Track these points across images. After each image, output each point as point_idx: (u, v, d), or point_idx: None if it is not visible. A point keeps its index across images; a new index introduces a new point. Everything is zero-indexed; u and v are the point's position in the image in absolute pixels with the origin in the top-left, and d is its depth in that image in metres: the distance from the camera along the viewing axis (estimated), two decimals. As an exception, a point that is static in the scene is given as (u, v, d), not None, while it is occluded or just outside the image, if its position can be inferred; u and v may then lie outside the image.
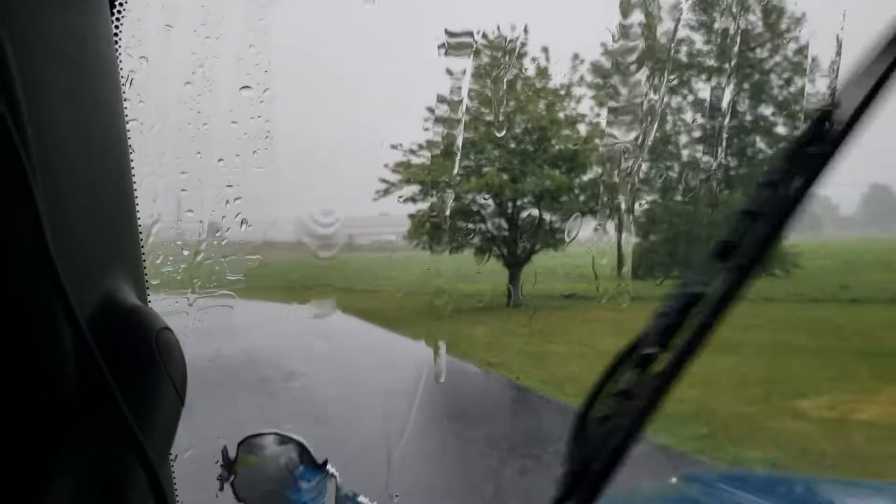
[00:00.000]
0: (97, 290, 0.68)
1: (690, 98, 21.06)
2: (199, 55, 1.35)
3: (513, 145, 14.82)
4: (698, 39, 19.74)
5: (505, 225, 15.07)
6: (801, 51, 19.74)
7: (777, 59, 20.30)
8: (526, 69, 14.70)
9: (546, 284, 16.77)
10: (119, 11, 0.83)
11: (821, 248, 21.97)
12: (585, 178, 14.44)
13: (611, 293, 16.95)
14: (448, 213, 14.34)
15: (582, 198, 14.46)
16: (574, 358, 9.78)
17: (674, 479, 1.71)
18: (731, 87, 20.16)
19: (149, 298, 0.84)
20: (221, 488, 1.04)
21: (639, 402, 0.65)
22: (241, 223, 1.84)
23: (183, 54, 1.34)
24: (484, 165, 14.57)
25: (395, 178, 14.88)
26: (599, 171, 14.13)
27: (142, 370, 0.70)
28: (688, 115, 21.42)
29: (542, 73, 14.69)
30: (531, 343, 10.94)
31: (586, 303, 15.47)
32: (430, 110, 11.55)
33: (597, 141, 14.44)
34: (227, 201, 1.67)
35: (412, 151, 14.57)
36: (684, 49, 20.28)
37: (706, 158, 20.33)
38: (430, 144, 14.67)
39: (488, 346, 11.07)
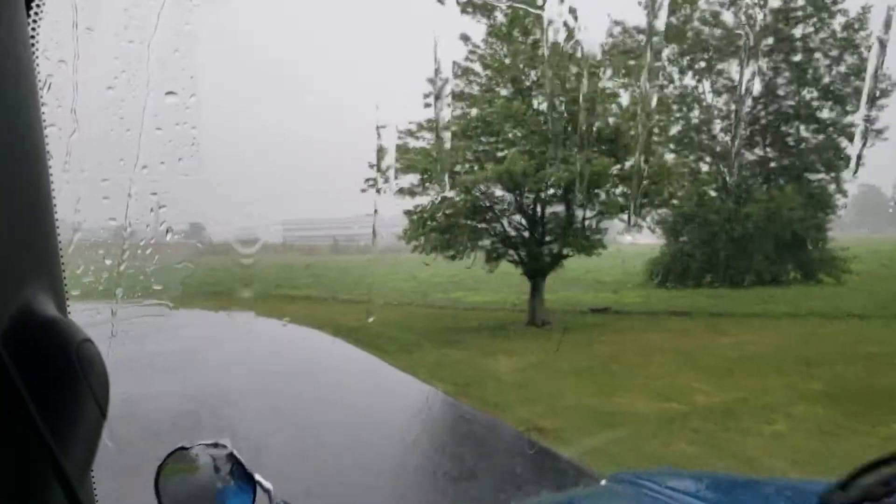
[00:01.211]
0: (13, 302, 0.79)
1: (724, 82, 21.32)
2: (121, 59, 1.66)
3: (536, 125, 14.69)
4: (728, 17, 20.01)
5: (524, 223, 15.11)
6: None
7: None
8: (554, 27, 14.65)
9: (562, 293, 16.79)
10: (36, 13, 0.97)
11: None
12: (626, 165, 14.25)
13: (647, 308, 16.98)
14: (454, 208, 14.39)
15: (620, 189, 14.34)
16: (672, 423, 7.55)
17: (603, 481, 2.06)
18: (767, 68, 20.38)
19: (69, 310, 0.97)
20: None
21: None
22: (167, 231, 2.15)
23: (105, 58, 1.64)
24: (500, 149, 14.59)
25: (387, 166, 15.18)
26: (642, 157, 14.10)
27: (61, 384, 0.80)
28: (721, 101, 21.65)
29: (572, 35, 14.57)
30: (587, 389, 9.22)
31: (628, 321, 15.57)
32: (432, 81, 11.67)
33: (637, 121, 14.32)
34: (152, 209, 1.98)
35: (410, 133, 14.62)
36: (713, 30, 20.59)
37: (743, 149, 20.55)
38: (432, 125, 14.72)
39: (522, 392, 9.23)
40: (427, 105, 14.30)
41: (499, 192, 14.85)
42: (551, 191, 14.51)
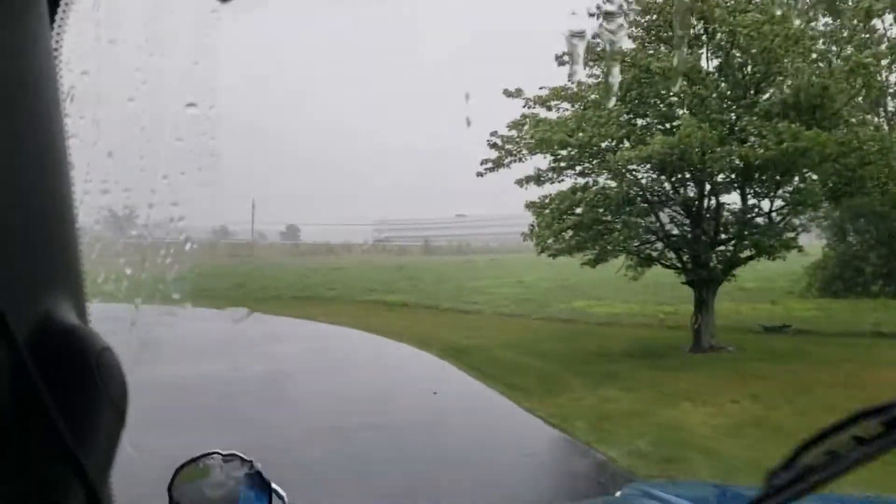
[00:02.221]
0: (35, 310, 0.98)
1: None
2: (143, 71, 2.11)
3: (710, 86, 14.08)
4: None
5: (686, 217, 14.86)
6: None
7: None
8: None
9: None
10: (60, 25, 1.20)
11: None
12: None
13: (834, 325, 15.85)
14: (603, 197, 14.02)
15: (823, 170, 13.56)
16: None
17: (619, 493, 2.34)
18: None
19: (89, 318, 1.19)
20: None
21: (872, 450, 0.89)
22: (185, 241, 2.62)
23: (126, 70, 2.08)
24: (658, 121, 14.28)
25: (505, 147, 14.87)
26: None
27: (81, 391, 0.99)
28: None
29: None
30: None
31: (824, 346, 14.25)
32: (576, 35, 11.36)
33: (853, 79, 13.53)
34: (172, 219, 2.45)
35: (541, 101, 14.61)
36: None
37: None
38: (567, 92, 14.41)
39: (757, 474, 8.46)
40: (563, 62, 14.03)
41: (642, 176, 14.76)
42: (720, 176, 14.22)
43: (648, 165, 14.20)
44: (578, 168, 14.66)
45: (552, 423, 10.02)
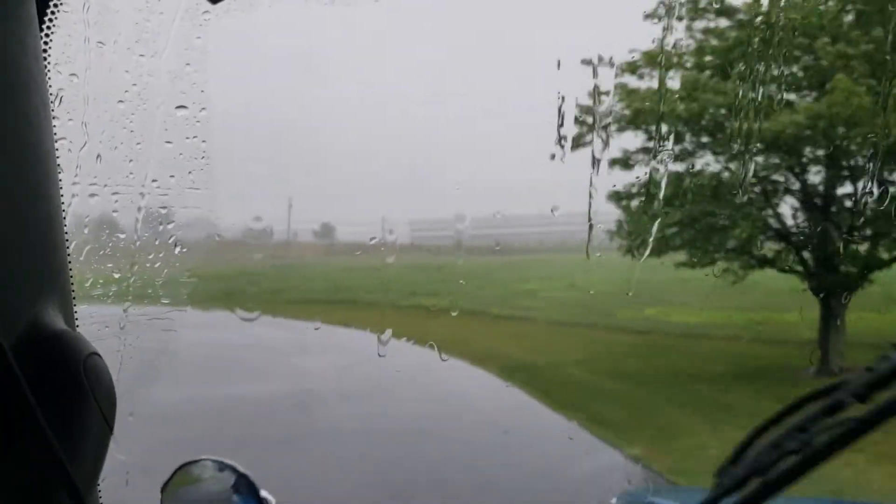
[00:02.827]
0: (22, 315, 1.14)
1: None
2: (132, 73, 2.54)
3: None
4: None
5: (807, 209, 14.53)
6: None
7: None
8: None
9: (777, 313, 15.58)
10: (49, 27, 1.41)
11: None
12: None
13: None
14: (716, 183, 13.75)
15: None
16: None
17: (614, 500, 2.73)
18: None
19: (77, 323, 1.40)
20: None
21: (815, 442, 1.01)
22: (175, 245, 3.07)
23: (116, 72, 2.51)
24: (793, 86, 13.72)
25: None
26: None
27: (68, 397, 1.16)
28: None
29: None
30: None
31: None
32: None
33: None
34: (161, 223, 2.90)
35: (630, 69, 14.41)
36: None
37: None
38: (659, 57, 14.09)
39: None
40: (656, 21, 13.57)
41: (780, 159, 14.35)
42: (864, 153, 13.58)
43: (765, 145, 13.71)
44: (678, 148, 14.39)
45: (676, 483, 8.77)
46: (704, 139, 14.34)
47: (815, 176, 14.63)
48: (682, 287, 16.20)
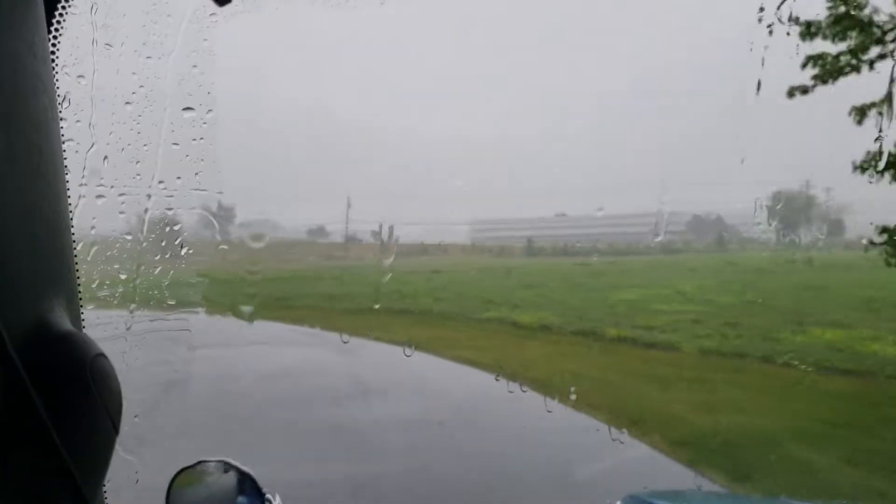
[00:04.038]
0: (29, 316, 1.15)
1: None
2: (140, 75, 2.57)
3: None
4: None
5: None
6: None
7: None
8: None
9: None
10: (56, 30, 1.42)
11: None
12: None
13: None
14: None
15: None
16: None
17: (618, 502, 2.78)
18: None
19: (83, 324, 1.41)
20: None
21: None
22: (181, 247, 3.10)
23: (123, 74, 2.54)
24: None
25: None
26: None
27: (74, 398, 1.16)
28: None
29: None
30: None
31: None
32: None
33: None
34: (168, 225, 2.93)
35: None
36: None
37: None
38: None
39: None
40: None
41: None
42: None
43: None
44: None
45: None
46: None
47: None
48: (803, 296, 13.70)
